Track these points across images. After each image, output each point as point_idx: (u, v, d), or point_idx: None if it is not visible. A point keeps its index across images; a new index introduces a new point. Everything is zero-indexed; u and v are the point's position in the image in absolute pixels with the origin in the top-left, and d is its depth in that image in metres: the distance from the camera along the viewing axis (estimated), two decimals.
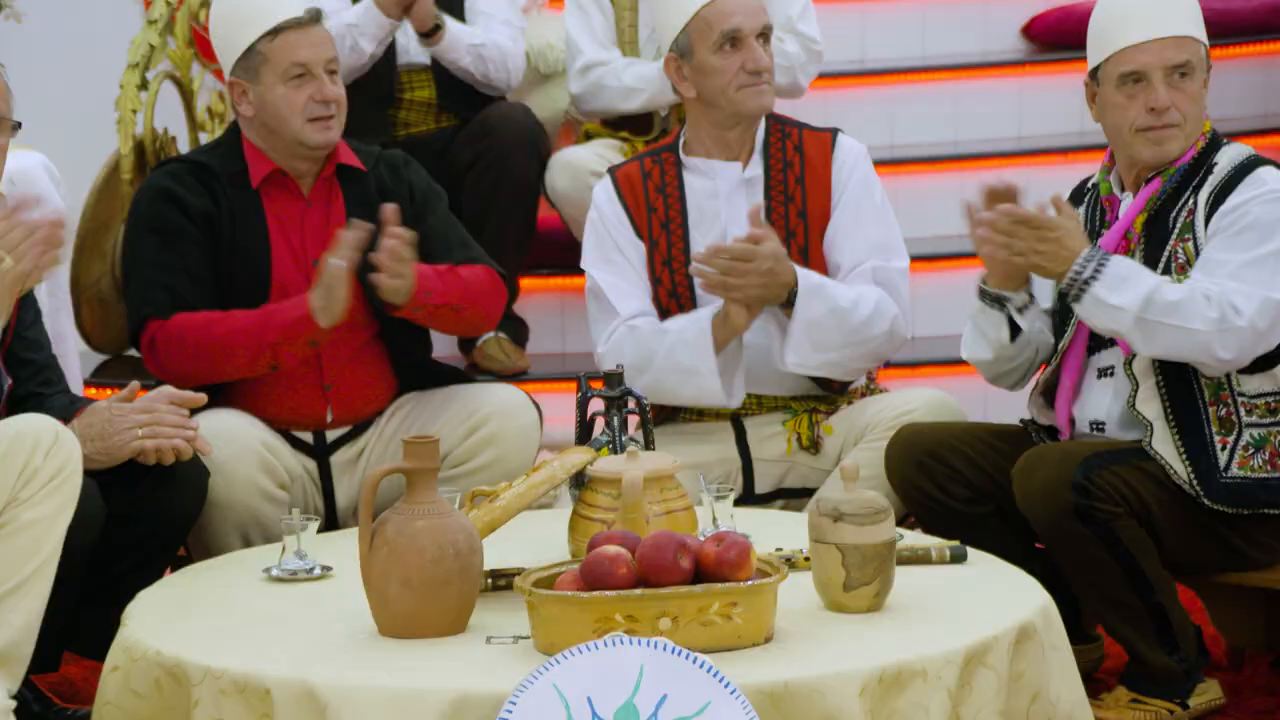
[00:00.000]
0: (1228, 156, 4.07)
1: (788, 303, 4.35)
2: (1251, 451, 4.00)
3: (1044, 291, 4.27)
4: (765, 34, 4.50)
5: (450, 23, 5.34)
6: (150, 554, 4.04)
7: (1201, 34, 4.09)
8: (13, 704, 3.26)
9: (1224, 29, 4.16)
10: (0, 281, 3.60)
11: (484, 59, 5.39)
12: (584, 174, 5.20)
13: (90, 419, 3.87)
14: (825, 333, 4.38)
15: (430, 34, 5.30)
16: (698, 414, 4.62)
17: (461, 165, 5.24)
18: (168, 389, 3.94)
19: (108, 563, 3.93)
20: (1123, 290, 3.89)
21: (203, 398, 3.97)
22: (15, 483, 3.53)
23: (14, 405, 3.93)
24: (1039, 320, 4.23)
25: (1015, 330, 4.20)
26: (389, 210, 4.21)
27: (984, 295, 4.20)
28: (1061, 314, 4.20)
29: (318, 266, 4.22)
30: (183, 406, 3.93)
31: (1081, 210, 4.22)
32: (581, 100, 5.54)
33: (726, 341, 4.39)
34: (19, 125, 3.99)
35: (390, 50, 5.41)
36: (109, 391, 4.66)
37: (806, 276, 4.36)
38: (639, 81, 5.39)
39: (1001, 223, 3.98)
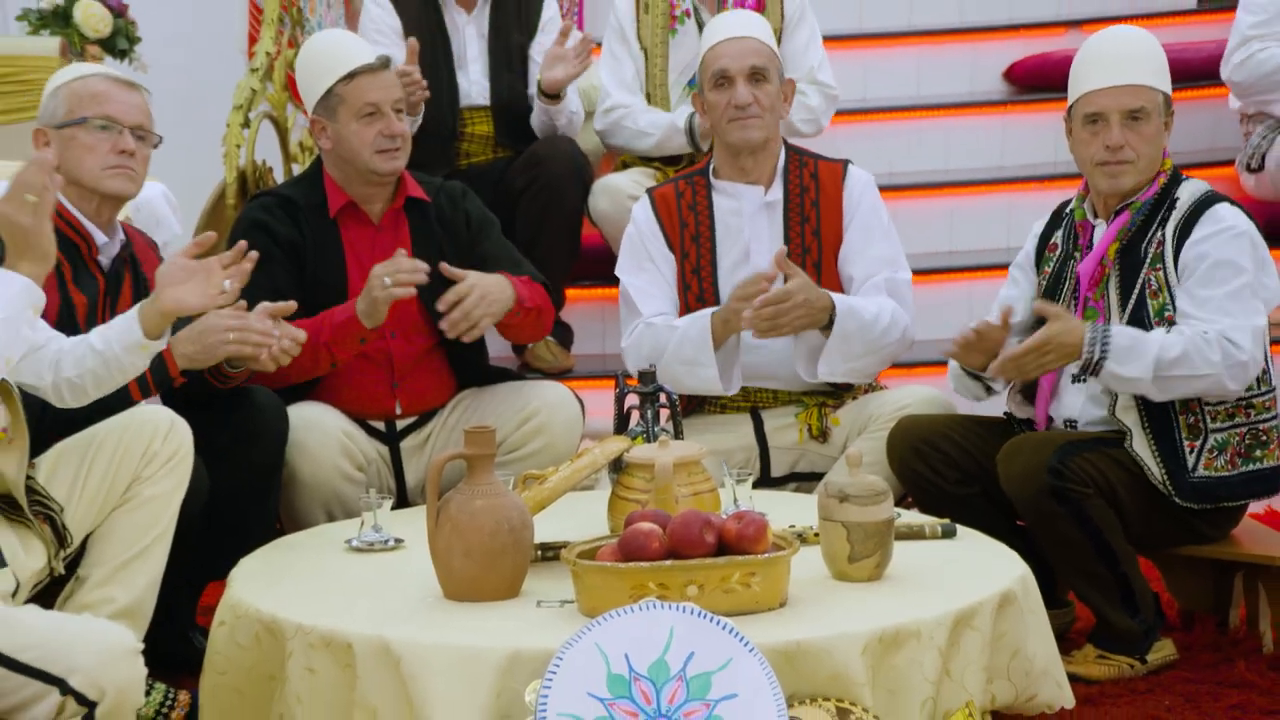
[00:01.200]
0: (1188, 192, 4.08)
1: (827, 325, 4.33)
2: (1215, 454, 4.00)
3: (1024, 304, 4.27)
4: (756, 74, 4.47)
5: (570, 92, 5.34)
6: (246, 516, 4.07)
7: (1161, 83, 4.08)
8: (141, 645, 3.25)
9: (1178, 75, 4.18)
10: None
11: (571, 121, 5.40)
12: (622, 197, 5.18)
13: (191, 324, 3.85)
14: (853, 345, 4.37)
15: (555, 98, 5.29)
16: (720, 407, 4.61)
17: (515, 191, 5.22)
18: (265, 304, 3.92)
19: (211, 522, 3.94)
20: (1133, 362, 3.90)
21: (292, 305, 3.95)
22: (138, 464, 3.62)
23: None
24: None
25: (991, 389, 4.24)
26: (446, 269, 4.25)
27: (967, 372, 4.22)
28: (1039, 320, 4.15)
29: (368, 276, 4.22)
30: (274, 315, 3.91)
31: (1059, 231, 4.22)
32: (603, 136, 5.53)
33: (725, 338, 4.38)
34: (160, 139, 4.06)
35: (454, 93, 5.38)
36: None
37: (840, 301, 4.34)
38: (650, 127, 5.37)
39: (1011, 363, 3.98)
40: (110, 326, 3.57)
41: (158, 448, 3.65)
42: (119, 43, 6.41)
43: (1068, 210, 4.23)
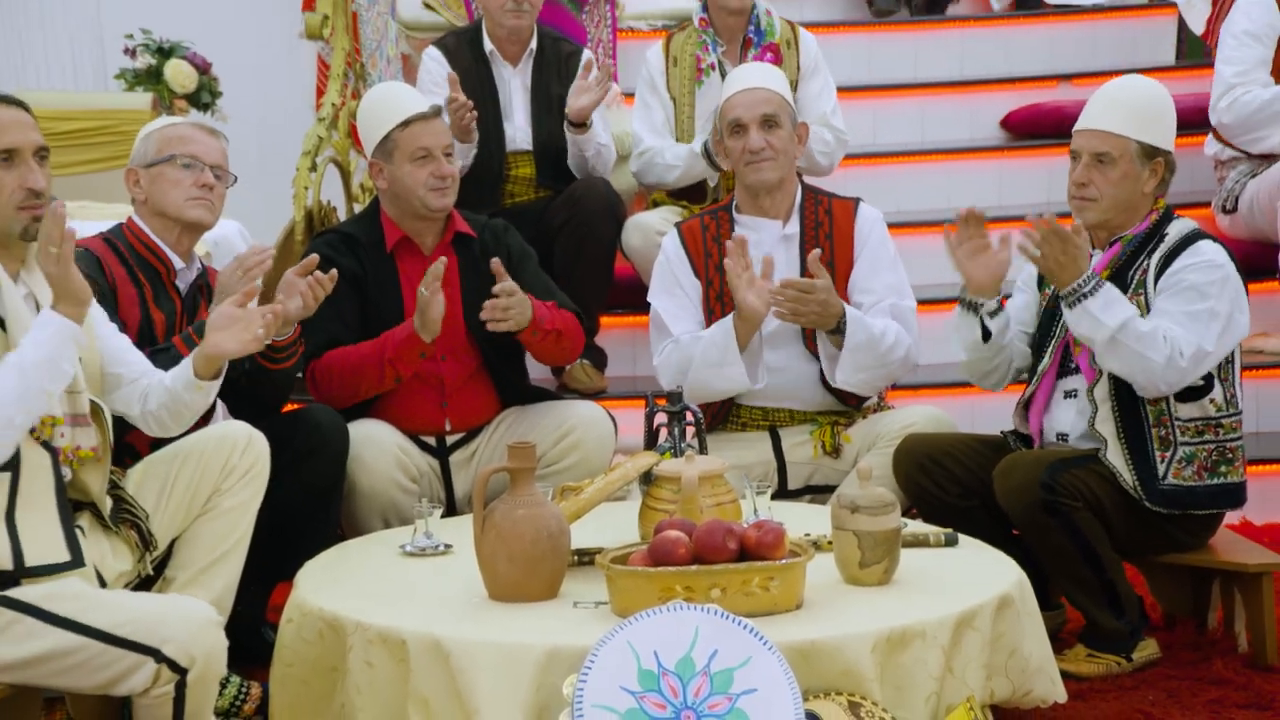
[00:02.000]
0: (1176, 229, 4.06)
1: (837, 330, 4.32)
2: (1184, 465, 3.98)
3: (1027, 317, 4.28)
4: (768, 121, 4.46)
5: (596, 122, 5.32)
6: (312, 522, 4.07)
7: (1140, 133, 4.03)
8: (223, 620, 3.36)
9: None
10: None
11: (600, 154, 5.38)
12: (652, 233, 5.17)
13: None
14: (863, 356, 4.35)
15: (582, 126, 5.27)
16: (741, 425, 4.58)
17: (554, 227, 5.21)
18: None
19: (281, 529, 3.95)
20: (1109, 310, 3.88)
21: (315, 260, 4.01)
22: (218, 477, 3.64)
23: None
24: (1007, 329, 4.19)
25: (986, 334, 4.16)
26: (496, 262, 4.27)
27: (962, 302, 4.18)
28: (1039, 344, 4.18)
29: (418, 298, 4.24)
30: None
31: None
32: (638, 176, 5.52)
33: (748, 336, 4.35)
34: (235, 178, 4.12)
35: (500, 138, 5.36)
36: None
37: (851, 312, 4.34)
38: (675, 159, 5.35)
39: (1039, 234, 3.93)
40: (176, 369, 3.60)
41: (236, 461, 3.66)
42: (203, 96, 6.47)
43: None
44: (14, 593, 3.19)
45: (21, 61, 7.63)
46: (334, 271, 3.87)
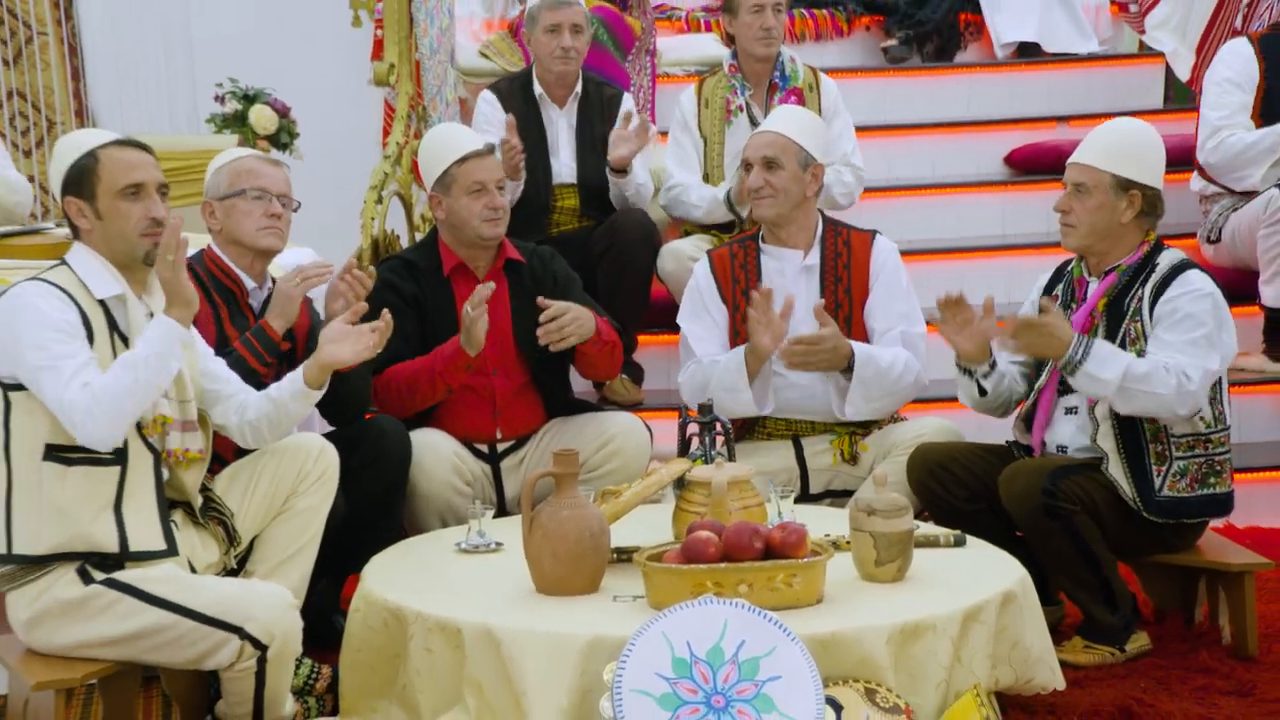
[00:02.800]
0: (1166, 259, 4.02)
1: (846, 369, 4.31)
2: (1178, 478, 3.94)
3: None
4: (769, 163, 4.42)
5: (635, 165, 5.31)
6: (377, 522, 4.07)
7: (1117, 168, 3.98)
8: (299, 603, 3.46)
9: None
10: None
11: (639, 191, 5.36)
12: (685, 259, 5.16)
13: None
14: (872, 389, 4.34)
15: (623, 172, 5.27)
16: (767, 435, 4.56)
17: (596, 254, 5.20)
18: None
19: (349, 528, 3.96)
20: (1105, 367, 3.85)
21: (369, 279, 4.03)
22: (294, 481, 3.67)
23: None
24: (1003, 380, 4.16)
25: (982, 391, 4.15)
26: (542, 301, 4.29)
27: (958, 368, 4.17)
28: (1038, 364, 4.13)
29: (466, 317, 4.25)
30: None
31: (1061, 287, 4.16)
32: (666, 208, 5.50)
33: (757, 368, 4.34)
34: (299, 205, 4.13)
35: (547, 173, 5.37)
36: None
37: (860, 349, 4.32)
38: (699, 200, 5.34)
39: (1010, 332, 3.93)
40: (283, 381, 3.67)
41: (309, 468, 3.68)
42: (282, 137, 6.52)
43: (1067, 269, 4.18)
44: (117, 575, 3.29)
45: (127, 106, 7.70)
46: (388, 316, 3.88)
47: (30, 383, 3.23)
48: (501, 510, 4.40)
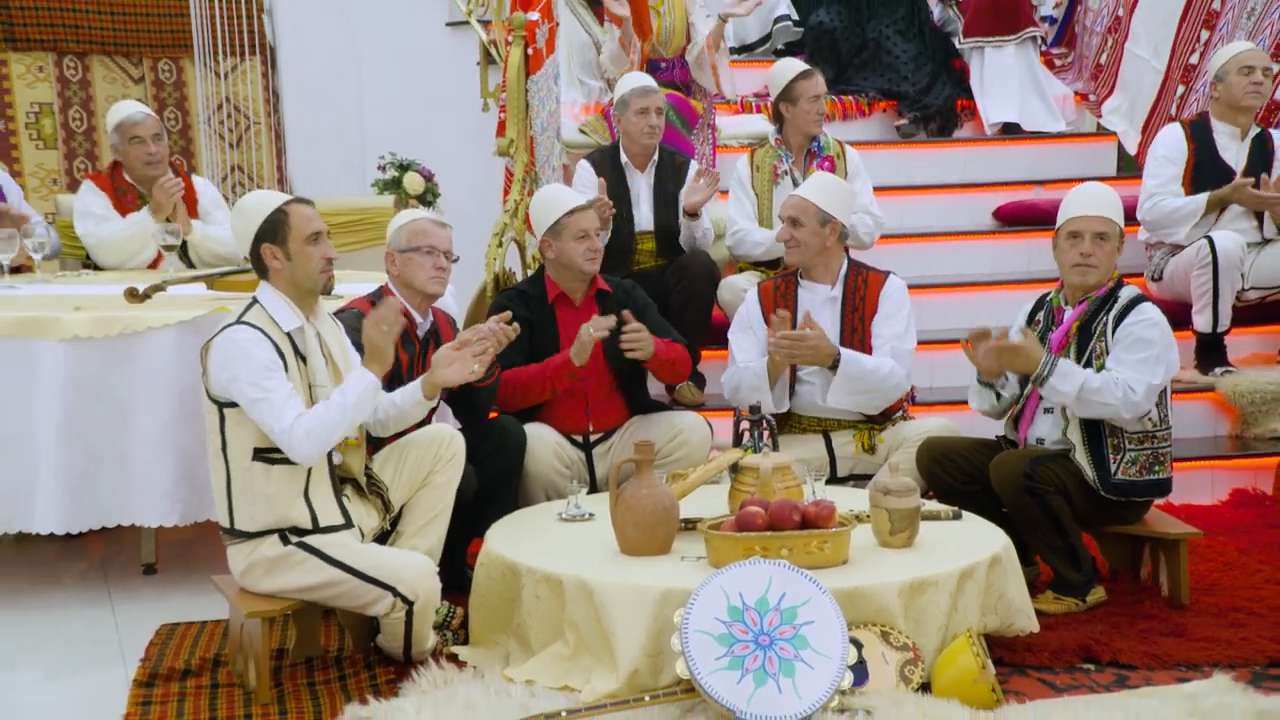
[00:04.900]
0: (1126, 293, 3.96)
1: (833, 367, 4.25)
2: (1130, 465, 3.88)
3: None
4: (794, 221, 4.40)
5: (704, 213, 5.31)
6: (498, 495, 4.04)
7: (1118, 218, 3.96)
8: (436, 567, 3.45)
9: None
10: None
11: (705, 234, 5.34)
12: (739, 290, 5.11)
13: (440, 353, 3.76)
14: (855, 384, 4.27)
15: (695, 216, 5.26)
16: (803, 430, 4.50)
17: (669, 286, 5.18)
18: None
19: (475, 504, 3.94)
20: (1066, 381, 3.81)
21: (516, 328, 3.89)
22: (432, 461, 3.65)
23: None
24: (1013, 389, 4.08)
25: (998, 396, 4.09)
26: (627, 313, 4.29)
27: (980, 382, 4.09)
28: (1024, 381, 4.06)
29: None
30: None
31: (1042, 314, 4.09)
32: (731, 249, 5.45)
33: (776, 375, 4.31)
34: (458, 258, 4.12)
35: (630, 223, 5.35)
36: None
37: (846, 352, 4.27)
38: (761, 239, 5.27)
39: (992, 354, 3.89)
40: (405, 390, 3.67)
41: (443, 452, 3.67)
42: (427, 196, 6.56)
43: (1047, 299, 4.11)
44: (308, 539, 3.34)
45: (314, 174, 7.83)
46: (516, 325, 3.87)
47: (248, 410, 3.27)
48: (593, 488, 4.37)
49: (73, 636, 3.83)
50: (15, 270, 4.87)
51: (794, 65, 5.43)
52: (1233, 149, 5.43)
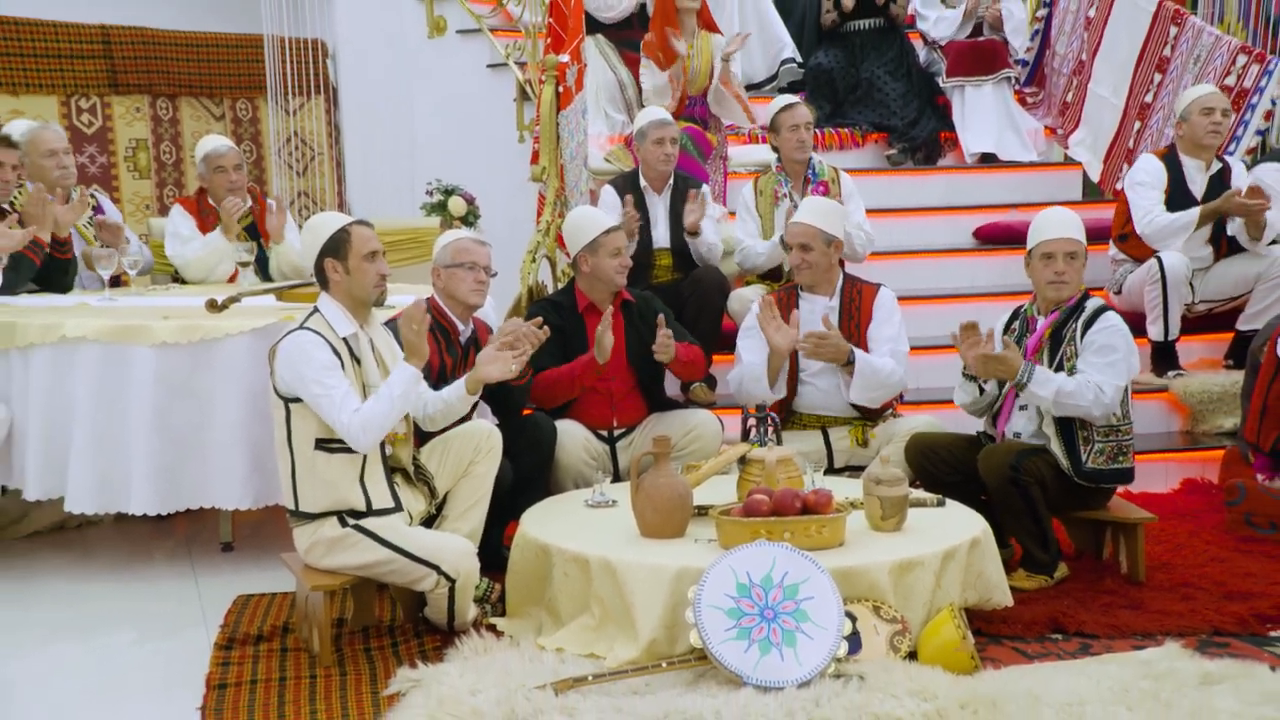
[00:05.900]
0: (1091, 303, 3.93)
1: (847, 364, 4.24)
2: (1098, 455, 3.85)
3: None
4: (803, 246, 4.39)
5: (706, 229, 5.27)
6: (531, 484, 4.03)
7: (1084, 238, 3.94)
8: (476, 550, 3.43)
9: None
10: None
11: (711, 250, 5.31)
12: (747, 301, 5.08)
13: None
14: (868, 381, 4.26)
15: (696, 233, 5.24)
16: (803, 425, 4.47)
17: (684, 298, 5.17)
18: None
19: (511, 491, 3.92)
20: (1043, 386, 3.79)
21: (546, 332, 3.83)
22: (472, 452, 3.64)
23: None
24: (993, 387, 4.04)
25: (980, 390, 4.04)
26: (661, 319, 4.29)
27: (965, 376, 4.04)
28: (1003, 382, 4.04)
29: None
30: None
31: (1017, 323, 4.07)
32: (739, 264, 5.42)
33: (776, 368, 4.30)
34: (497, 273, 4.11)
35: (649, 241, 5.34)
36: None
37: (859, 353, 4.26)
38: (763, 249, 5.24)
39: (979, 360, 3.85)
40: (451, 386, 3.67)
41: (482, 444, 3.66)
42: (469, 218, 6.54)
43: (1022, 310, 4.08)
44: (363, 522, 3.34)
45: (370, 198, 7.87)
46: (546, 329, 3.85)
47: (312, 405, 3.28)
48: (616, 478, 4.36)
49: (162, 604, 3.87)
50: (114, 284, 4.92)
51: (780, 100, 5.44)
52: (1199, 180, 5.39)
